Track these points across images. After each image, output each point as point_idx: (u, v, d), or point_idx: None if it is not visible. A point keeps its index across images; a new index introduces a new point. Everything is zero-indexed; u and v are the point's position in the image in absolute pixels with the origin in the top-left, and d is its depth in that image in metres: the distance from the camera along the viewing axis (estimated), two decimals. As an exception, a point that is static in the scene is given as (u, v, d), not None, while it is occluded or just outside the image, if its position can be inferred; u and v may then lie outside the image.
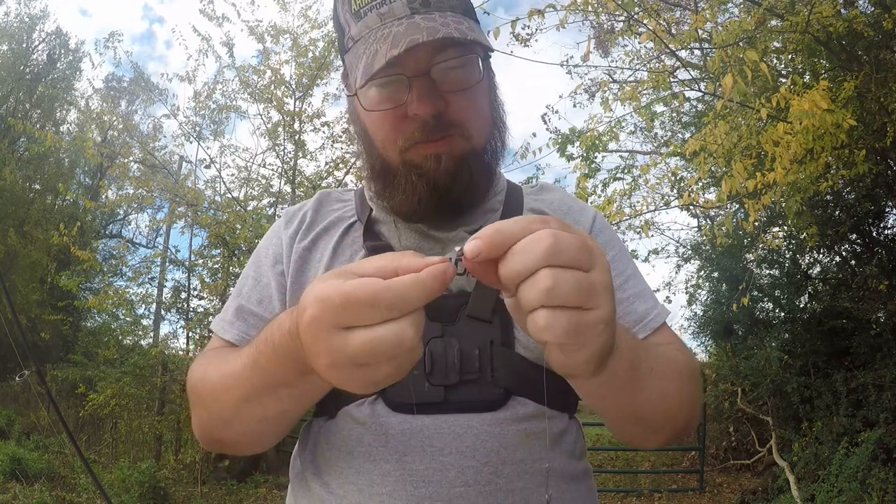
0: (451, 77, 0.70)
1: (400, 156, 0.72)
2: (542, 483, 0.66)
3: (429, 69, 0.68)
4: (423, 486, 0.65)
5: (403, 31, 0.65)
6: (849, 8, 4.35)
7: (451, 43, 0.67)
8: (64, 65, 14.88)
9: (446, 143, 0.71)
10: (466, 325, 0.68)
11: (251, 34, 7.55)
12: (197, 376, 0.71)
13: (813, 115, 3.03)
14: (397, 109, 0.70)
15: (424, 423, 0.67)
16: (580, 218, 0.82)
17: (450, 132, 0.71)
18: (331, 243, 0.78)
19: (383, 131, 0.72)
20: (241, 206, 7.57)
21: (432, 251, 0.74)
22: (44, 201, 13.99)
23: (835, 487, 4.36)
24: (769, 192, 3.75)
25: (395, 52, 0.63)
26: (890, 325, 5.54)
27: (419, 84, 0.68)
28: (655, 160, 6.59)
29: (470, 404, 0.67)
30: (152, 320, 9.00)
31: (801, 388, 5.78)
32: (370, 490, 0.66)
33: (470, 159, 0.72)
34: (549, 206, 0.83)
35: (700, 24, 3.86)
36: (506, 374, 0.68)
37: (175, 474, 6.53)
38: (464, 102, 0.71)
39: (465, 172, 0.72)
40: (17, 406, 9.93)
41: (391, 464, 0.66)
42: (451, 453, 0.66)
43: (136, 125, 8.91)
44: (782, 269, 6.99)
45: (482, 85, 0.73)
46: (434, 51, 0.68)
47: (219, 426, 0.66)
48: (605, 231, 0.82)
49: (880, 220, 6.34)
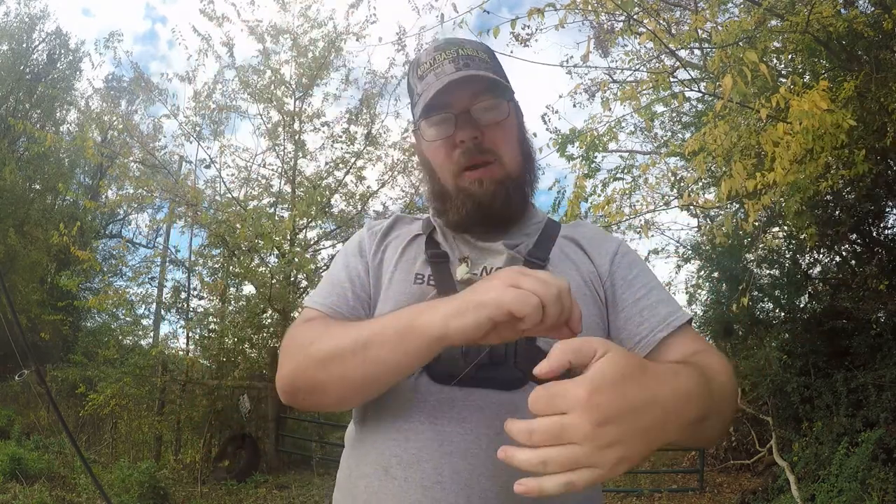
0: (486, 115, 0.92)
1: (453, 180, 0.94)
2: None
3: (469, 109, 0.91)
4: (447, 445, 0.81)
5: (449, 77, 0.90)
6: (849, 8, 4.35)
7: (485, 89, 0.91)
8: (64, 65, 14.88)
9: (487, 171, 0.92)
10: None
11: (251, 34, 7.56)
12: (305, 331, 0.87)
13: (813, 115, 3.03)
14: (447, 140, 0.93)
15: (456, 394, 0.82)
16: (606, 245, 0.98)
17: (488, 159, 0.92)
18: (400, 246, 0.99)
19: (439, 159, 0.95)
20: (241, 206, 7.57)
21: (477, 258, 0.94)
22: (44, 201, 13.99)
23: (835, 487, 4.36)
24: (769, 193, 3.75)
25: (440, 86, 0.89)
26: (890, 325, 5.54)
27: (462, 119, 0.91)
28: (655, 160, 6.59)
29: (494, 381, 0.82)
30: (152, 320, 9.01)
31: (801, 388, 5.78)
32: (405, 444, 0.82)
33: (506, 183, 0.94)
34: (582, 236, 1.00)
35: (700, 24, 3.85)
36: (525, 361, 0.80)
37: (175, 474, 6.54)
38: (497, 134, 0.93)
39: (503, 193, 0.93)
40: (17, 406, 9.94)
41: (425, 424, 0.82)
42: (473, 421, 0.81)
43: (136, 125, 8.89)
44: (782, 269, 6.99)
45: (511, 121, 0.96)
46: (473, 96, 0.91)
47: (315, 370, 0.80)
48: (628, 255, 0.98)
49: (880, 220, 6.34)
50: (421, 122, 0.94)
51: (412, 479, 0.80)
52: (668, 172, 6.49)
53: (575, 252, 0.97)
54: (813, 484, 4.70)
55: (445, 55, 0.93)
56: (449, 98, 0.90)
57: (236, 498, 5.91)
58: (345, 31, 7.72)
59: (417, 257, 0.96)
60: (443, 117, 0.92)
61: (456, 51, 0.94)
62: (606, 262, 0.96)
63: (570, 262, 0.95)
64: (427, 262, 0.94)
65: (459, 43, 0.96)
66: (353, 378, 0.77)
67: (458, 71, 0.90)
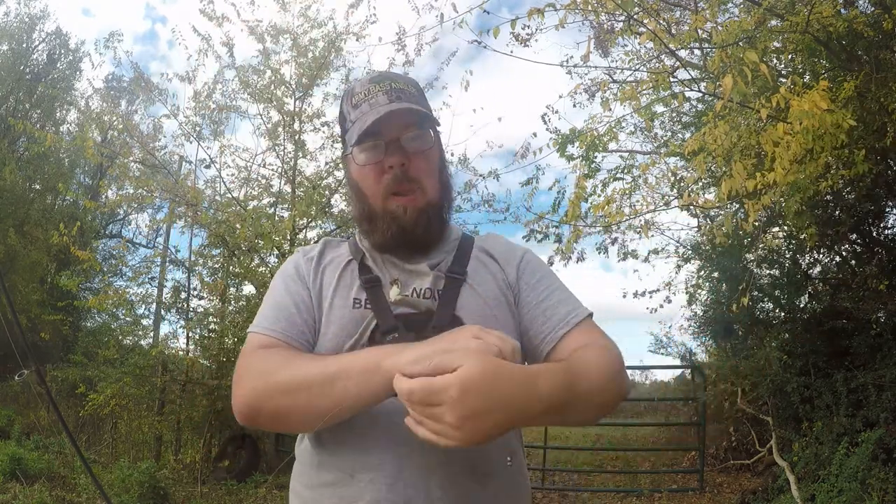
0: (413, 144, 1.01)
1: (381, 203, 1.02)
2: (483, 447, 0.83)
3: (398, 138, 1.00)
4: (403, 447, 0.90)
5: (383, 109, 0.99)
6: (849, 8, 4.35)
7: (413, 121, 1.01)
8: (64, 65, 14.88)
9: (411, 199, 1.01)
10: (433, 332, 0.90)
11: (251, 34, 7.54)
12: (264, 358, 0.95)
13: (813, 115, 3.03)
14: (377, 164, 1.01)
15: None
16: (514, 255, 1.11)
17: (412, 187, 1.01)
18: (336, 272, 1.05)
19: (368, 182, 1.03)
20: (241, 206, 7.57)
21: (406, 280, 1.02)
22: (44, 201, 13.98)
23: (835, 487, 4.36)
24: (769, 193, 3.75)
25: (376, 117, 0.98)
26: (890, 325, 5.54)
27: (392, 146, 1.00)
28: (655, 160, 6.59)
29: None
30: (152, 320, 9.00)
31: (801, 388, 5.78)
32: (366, 452, 0.92)
33: (427, 210, 1.03)
34: (493, 248, 1.11)
35: (700, 24, 3.85)
36: None
37: (175, 474, 6.53)
38: (421, 163, 1.02)
39: (424, 219, 1.02)
40: (17, 406, 9.94)
41: (381, 429, 0.91)
42: None
43: (136, 125, 8.88)
44: (782, 269, 6.98)
45: (434, 151, 1.06)
46: (403, 126, 1.00)
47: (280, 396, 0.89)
48: (532, 262, 1.11)
49: (880, 220, 6.34)
50: (353, 147, 1.02)
51: (377, 479, 0.90)
52: (668, 172, 6.49)
53: (489, 262, 1.08)
54: (813, 484, 4.70)
55: (379, 87, 1.02)
56: (381, 127, 0.99)
57: (236, 498, 5.91)
58: (345, 31, 7.72)
59: (353, 283, 1.03)
60: (374, 144, 1.01)
61: (389, 84, 1.03)
62: (514, 269, 1.08)
63: (486, 272, 1.06)
64: (362, 287, 1.02)
65: (392, 77, 1.06)
66: (319, 407, 0.86)
67: (391, 103, 1.00)
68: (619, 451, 7.86)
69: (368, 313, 0.99)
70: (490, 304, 1.01)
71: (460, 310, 0.99)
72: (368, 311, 0.99)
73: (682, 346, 8.72)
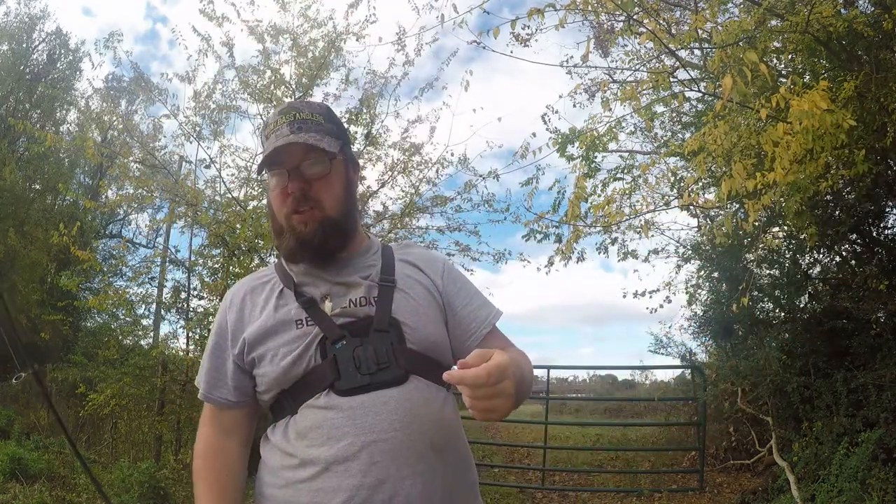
0: (311, 170, 1.15)
1: (285, 221, 1.17)
2: (438, 427, 1.08)
3: (299, 165, 1.14)
4: (370, 435, 1.02)
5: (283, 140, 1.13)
6: (849, 8, 4.34)
7: (312, 149, 1.14)
8: (64, 65, 14.88)
9: (310, 214, 1.15)
10: (375, 335, 1.09)
11: (251, 34, 7.54)
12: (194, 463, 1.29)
13: (813, 115, 3.02)
14: (282, 189, 1.15)
15: (363, 399, 1.05)
16: (435, 264, 1.26)
17: (311, 206, 1.14)
18: (271, 303, 1.17)
19: (276, 204, 1.18)
20: (241, 206, 7.56)
21: (340, 293, 1.15)
22: (44, 201, 13.98)
23: (835, 487, 4.36)
24: (769, 192, 3.74)
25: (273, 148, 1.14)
26: (890, 325, 5.53)
27: (294, 173, 1.14)
28: (655, 160, 6.58)
29: (387, 382, 1.07)
30: (152, 320, 8.99)
31: (801, 388, 5.77)
32: (337, 445, 1.03)
33: (325, 223, 1.15)
34: (415, 258, 1.25)
35: (700, 24, 3.85)
36: (404, 361, 1.09)
37: (175, 474, 6.53)
38: (321, 185, 1.15)
39: (321, 231, 1.15)
40: (17, 406, 9.94)
41: (347, 424, 1.03)
42: (383, 413, 1.04)
43: (136, 125, 8.87)
44: (782, 269, 6.98)
45: (332, 176, 1.17)
46: (303, 154, 1.14)
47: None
48: (452, 270, 1.28)
49: (880, 220, 6.34)
50: (266, 173, 1.20)
51: (352, 468, 1.02)
52: (667, 172, 6.49)
53: (413, 271, 1.22)
54: (813, 484, 4.70)
55: (285, 119, 1.17)
56: (283, 156, 1.14)
57: (236, 498, 5.91)
58: (345, 31, 7.72)
59: (291, 307, 1.15)
60: (279, 172, 1.16)
61: (294, 115, 1.17)
62: (438, 277, 1.23)
63: (412, 280, 1.20)
64: (301, 308, 1.14)
65: (298, 107, 1.19)
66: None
67: (291, 135, 1.13)
68: (619, 451, 7.86)
69: (312, 329, 1.11)
70: (422, 305, 1.17)
71: (396, 312, 1.13)
72: (312, 327, 1.11)
73: (682, 346, 8.69)
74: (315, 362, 1.08)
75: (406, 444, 1.03)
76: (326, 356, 1.08)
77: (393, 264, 1.21)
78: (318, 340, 1.09)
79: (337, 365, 1.06)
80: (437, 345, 1.15)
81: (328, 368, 1.07)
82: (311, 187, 1.14)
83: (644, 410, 11.17)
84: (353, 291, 1.15)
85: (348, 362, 1.06)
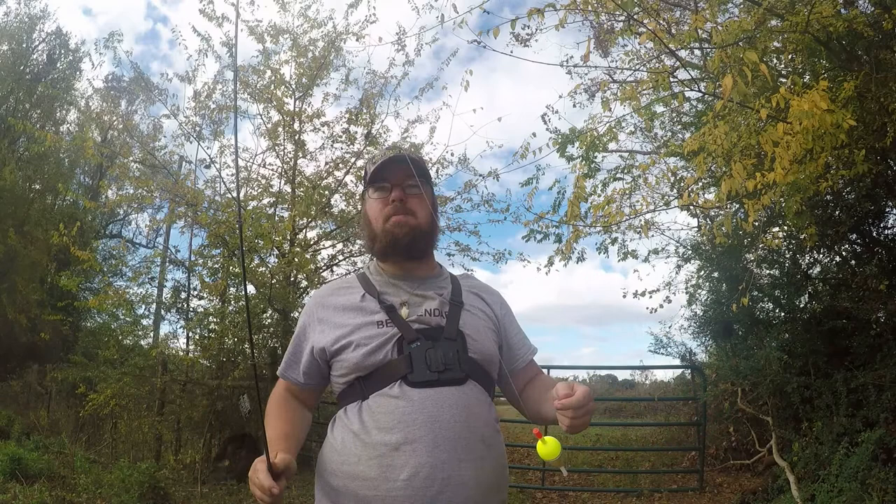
0: (411, 189, 1.42)
1: (382, 225, 1.42)
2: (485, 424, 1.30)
3: (401, 184, 1.42)
4: (436, 423, 1.23)
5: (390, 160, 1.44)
6: (849, 8, 4.34)
7: (411, 174, 1.42)
8: (64, 65, 14.86)
9: (406, 219, 1.40)
10: (445, 341, 1.31)
11: (251, 34, 7.54)
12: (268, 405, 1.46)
13: (813, 115, 3.03)
14: (384, 199, 1.43)
15: (430, 393, 1.25)
16: (494, 297, 1.52)
17: (407, 212, 1.41)
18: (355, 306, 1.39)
19: (375, 212, 1.44)
20: (241, 206, 7.55)
21: (416, 303, 1.38)
22: (44, 201, 13.98)
23: (835, 487, 4.36)
24: (769, 192, 3.75)
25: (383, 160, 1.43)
26: (890, 325, 5.54)
27: (396, 189, 1.42)
28: (655, 160, 6.58)
29: (450, 381, 1.28)
30: (152, 320, 9.00)
31: (801, 388, 5.77)
32: (407, 430, 1.22)
33: (416, 230, 1.41)
34: (477, 288, 1.51)
35: (700, 24, 3.85)
36: (466, 366, 1.30)
37: (175, 474, 6.53)
38: (416, 201, 1.43)
39: (411, 235, 1.40)
40: (17, 406, 9.94)
41: (416, 412, 1.23)
42: (446, 406, 1.25)
43: (136, 125, 8.88)
44: (782, 269, 6.98)
45: (425, 198, 1.45)
46: (404, 177, 1.42)
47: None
48: (505, 304, 1.55)
49: (880, 220, 6.34)
50: (369, 187, 1.46)
51: (419, 449, 1.20)
52: (667, 172, 6.49)
53: (477, 300, 1.46)
54: (813, 484, 4.70)
55: (390, 153, 1.45)
56: (388, 175, 1.42)
57: (236, 498, 5.91)
58: (344, 31, 7.72)
59: (374, 310, 1.37)
60: (382, 185, 1.44)
61: (397, 151, 1.46)
62: (497, 308, 1.49)
63: (476, 306, 1.44)
64: (384, 311, 1.36)
65: (400, 149, 1.44)
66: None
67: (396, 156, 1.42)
68: (619, 451, 7.86)
69: (391, 329, 1.31)
70: (483, 325, 1.40)
71: (462, 326, 1.35)
72: (391, 328, 1.32)
73: (682, 346, 8.70)
74: (392, 356, 1.28)
75: (463, 434, 1.23)
76: (402, 353, 1.27)
77: (460, 290, 1.45)
78: (395, 339, 1.29)
79: (411, 361, 1.26)
80: (491, 359, 1.37)
81: (403, 363, 1.26)
82: (408, 200, 1.41)
83: (644, 410, 11.16)
84: (427, 303, 1.37)
85: (421, 360, 1.26)
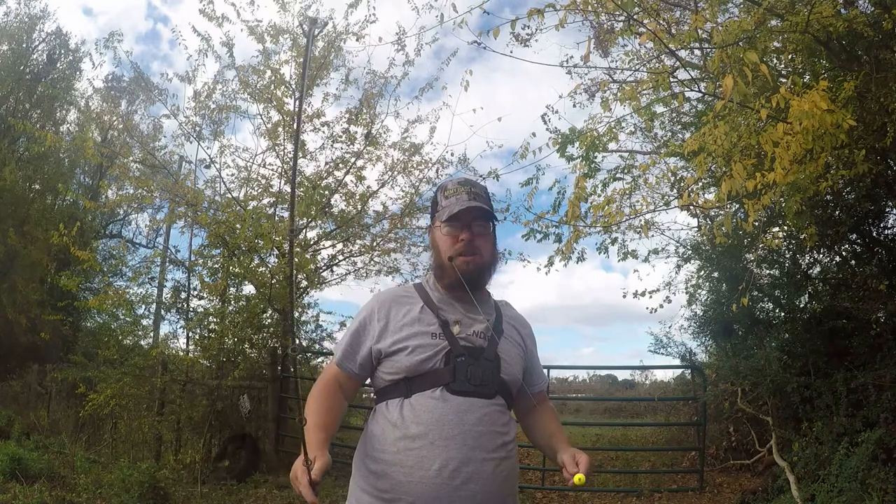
0: (479, 229, 1.61)
1: (450, 261, 1.58)
2: (505, 433, 1.51)
3: (471, 223, 1.60)
4: (466, 425, 1.44)
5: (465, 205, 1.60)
6: (849, 8, 4.34)
7: (481, 215, 1.61)
8: (64, 65, 14.85)
9: (473, 259, 1.59)
10: (484, 361, 1.53)
11: (251, 34, 7.55)
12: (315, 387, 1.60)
13: (813, 115, 3.03)
14: (454, 236, 1.60)
15: (466, 401, 1.47)
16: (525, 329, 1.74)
17: (475, 252, 1.59)
18: (414, 315, 1.58)
19: (445, 245, 1.61)
20: (241, 206, 7.56)
21: (467, 322, 1.58)
22: (44, 201, 13.97)
23: (835, 487, 4.36)
24: (769, 192, 3.74)
25: (461, 207, 1.58)
26: (890, 325, 5.54)
27: (467, 228, 1.59)
28: (655, 160, 6.58)
29: (483, 393, 1.50)
30: (152, 320, 8.99)
31: (801, 388, 5.77)
32: (442, 428, 1.43)
33: (481, 267, 1.61)
34: (512, 318, 1.71)
35: (700, 24, 3.85)
36: (496, 385, 1.53)
37: (175, 474, 6.53)
38: (482, 241, 1.61)
39: (478, 272, 1.60)
40: (17, 406, 9.94)
41: (452, 414, 1.45)
42: (478, 413, 1.47)
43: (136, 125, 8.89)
44: (782, 269, 6.98)
45: (491, 237, 1.65)
46: (474, 217, 1.60)
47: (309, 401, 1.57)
48: (532, 336, 1.77)
49: (880, 220, 6.34)
50: (443, 223, 1.61)
51: (451, 445, 1.42)
52: (667, 172, 6.49)
53: (512, 329, 1.67)
54: (813, 484, 4.70)
55: (463, 188, 1.63)
56: (461, 215, 1.58)
57: (236, 498, 5.91)
58: (344, 31, 7.72)
59: (430, 322, 1.56)
60: (455, 225, 1.60)
61: (469, 188, 1.64)
62: (527, 339, 1.72)
63: (512, 333, 1.65)
64: (439, 325, 1.55)
65: (472, 183, 1.67)
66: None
67: (470, 201, 1.60)
68: (619, 451, 7.86)
69: (442, 342, 1.51)
70: (515, 353, 1.62)
71: (500, 351, 1.56)
72: (443, 341, 1.52)
73: (682, 346, 8.69)
74: (440, 365, 1.48)
75: (489, 438, 1.46)
76: (448, 364, 1.48)
77: (502, 319, 1.66)
78: (445, 351, 1.50)
79: (455, 372, 1.47)
80: (516, 382, 1.59)
81: (447, 372, 1.47)
82: (475, 239, 1.59)
83: (644, 410, 11.16)
84: (476, 325, 1.58)
85: (463, 373, 1.47)
